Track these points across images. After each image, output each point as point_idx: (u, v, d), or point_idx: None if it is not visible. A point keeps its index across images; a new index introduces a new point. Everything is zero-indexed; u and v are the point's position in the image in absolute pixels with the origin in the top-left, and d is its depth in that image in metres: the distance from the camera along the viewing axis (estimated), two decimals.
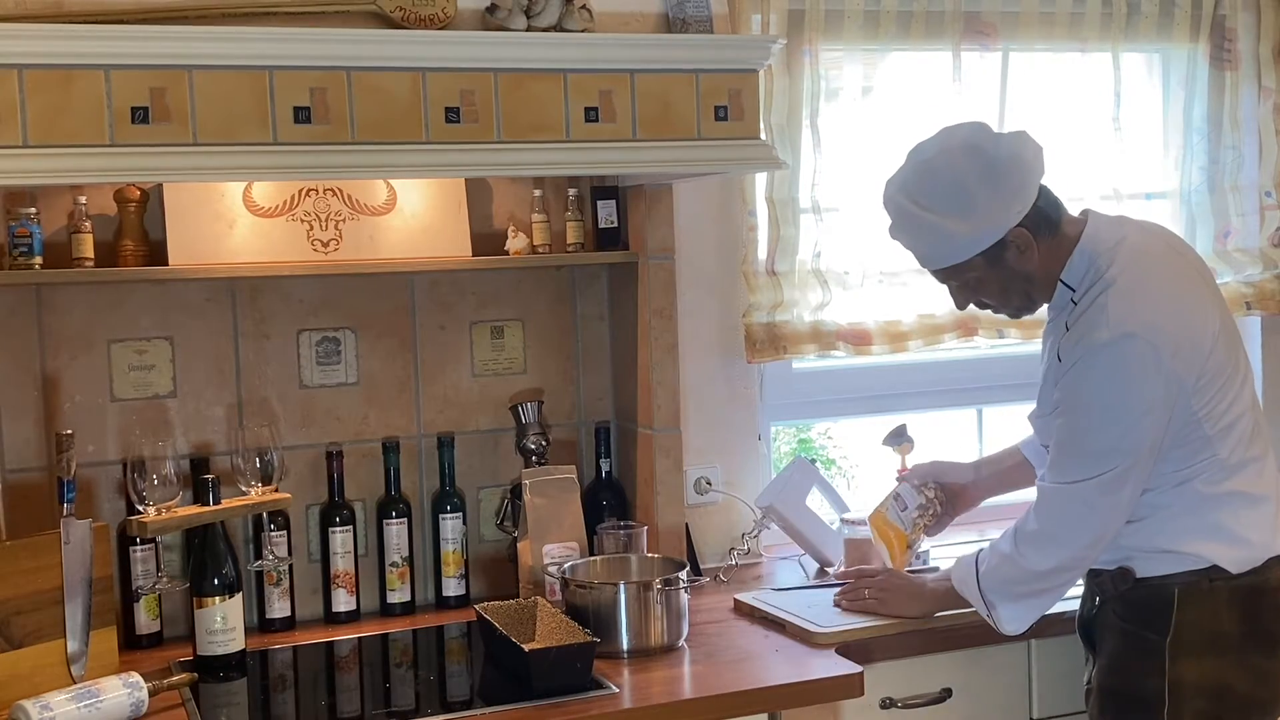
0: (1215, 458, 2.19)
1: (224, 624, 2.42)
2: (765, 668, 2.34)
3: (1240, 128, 3.41)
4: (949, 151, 2.21)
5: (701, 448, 3.03)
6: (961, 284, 2.30)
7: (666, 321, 2.82)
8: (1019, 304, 2.32)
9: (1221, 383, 2.18)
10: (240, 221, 2.61)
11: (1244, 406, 2.23)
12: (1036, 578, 2.27)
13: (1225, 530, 2.19)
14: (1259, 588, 2.19)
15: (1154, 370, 2.11)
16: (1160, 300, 2.17)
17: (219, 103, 2.23)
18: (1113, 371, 2.13)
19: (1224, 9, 3.37)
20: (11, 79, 2.14)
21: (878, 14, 3.08)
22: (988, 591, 2.32)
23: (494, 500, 2.87)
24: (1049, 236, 2.24)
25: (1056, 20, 3.23)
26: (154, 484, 2.36)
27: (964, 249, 2.22)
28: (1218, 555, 2.18)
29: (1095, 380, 2.15)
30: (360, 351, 2.79)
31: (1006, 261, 2.23)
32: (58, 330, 2.59)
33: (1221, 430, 2.19)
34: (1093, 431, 2.17)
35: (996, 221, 2.19)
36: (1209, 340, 2.17)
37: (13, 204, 2.46)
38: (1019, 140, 2.23)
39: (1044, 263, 2.24)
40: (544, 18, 2.70)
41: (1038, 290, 2.29)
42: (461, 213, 2.76)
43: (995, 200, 2.18)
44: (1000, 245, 2.21)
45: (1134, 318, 2.13)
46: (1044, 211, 2.24)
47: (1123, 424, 2.14)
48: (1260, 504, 2.22)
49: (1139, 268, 2.19)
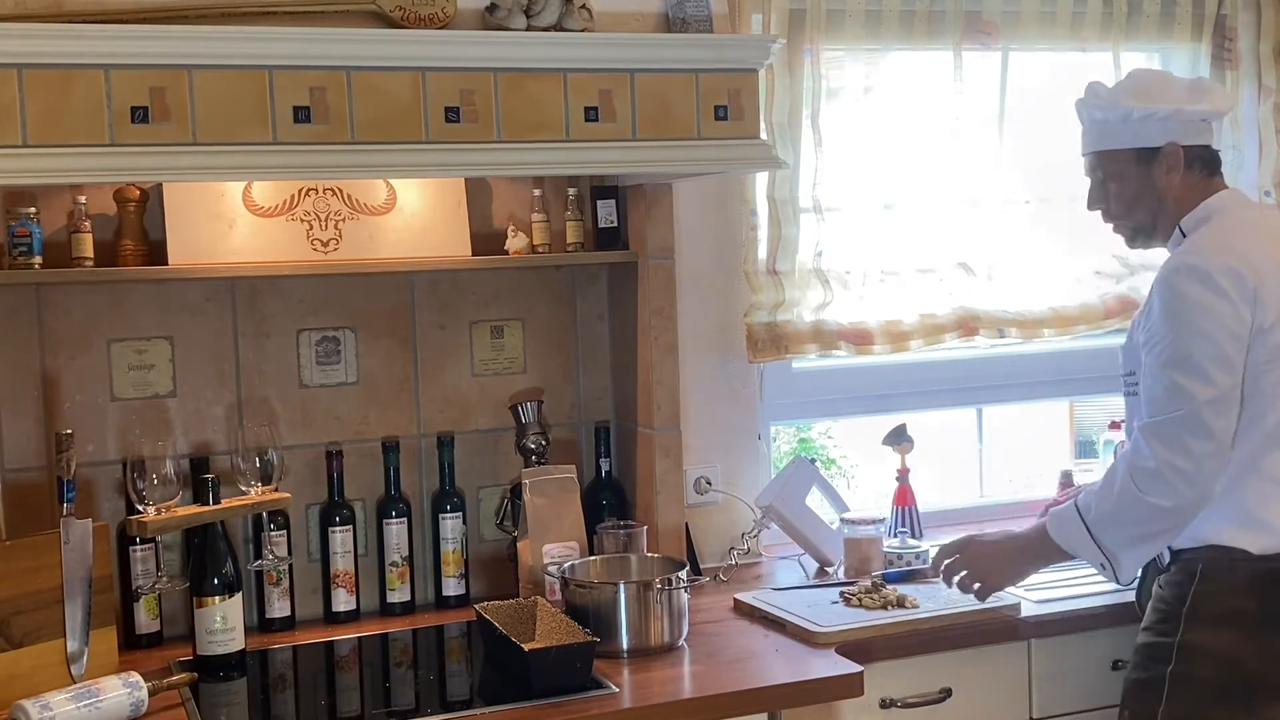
0: (1259, 424, 2.22)
1: (224, 624, 2.42)
2: (765, 667, 2.34)
3: (1240, 127, 3.41)
4: (1165, 72, 2.50)
5: (701, 447, 3.03)
6: (1105, 176, 2.41)
7: (666, 321, 2.82)
8: (1141, 221, 2.41)
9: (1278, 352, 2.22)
10: (240, 221, 2.61)
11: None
12: (1163, 515, 2.23)
13: (1251, 515, 2.23)
14: (1277, 573, 2.22)
15: (1237, 294, 2.18)
16: (1246, 246, 2.25)
17: (219, 102, 2.23)
18: (1199, 291, 2.20)
19: (1225, 8, 3.37)
20: (11, 79, 2.14)
21: (879, 13, 3.08)
22: (1106, 542, 2.28)
23: (494, 500, 2.87)
24: (1196, 175, 2.36)
25: (1057, 20, 3.23)
26: (154, 484, 2.36)
27: (1124, 135, 2.36)
28: (1240, 539, 2.23)
29: (1184, 300, 2.21)
30: (360, 351, 2.79)
31: (1152, 171, 2.35)
32: (57, 330, 2.59)
33: (1274, 394, 2.22)
34: (1188, 349, 2.20)
35: (1165, 117, 2.33)
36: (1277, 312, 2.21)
37: (12, 204, 2.46)
38: (1220, 87, 2.50)
39: (1180, 194, 2.35)
40: (544, 17, 2.70)
41: (1163, 219, 2.38)
42: (461, 212, 2.76)
43: (1173, 96, 2.34)
44: (1155, 152, 2.35)
45: (1220, 251, 2.23)
46: (1204, 154, 2.38)
47: (1215, 339, 2.19)
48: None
49: (1235, 223, 2.31)
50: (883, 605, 2.57)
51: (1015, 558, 2.44)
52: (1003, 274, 3.23)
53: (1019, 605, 2.58)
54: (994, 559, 2.45)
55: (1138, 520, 2.25)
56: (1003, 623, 2.55)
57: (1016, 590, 2.63)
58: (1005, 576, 2.45)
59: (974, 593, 2.48)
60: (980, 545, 2.49)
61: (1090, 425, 3.60)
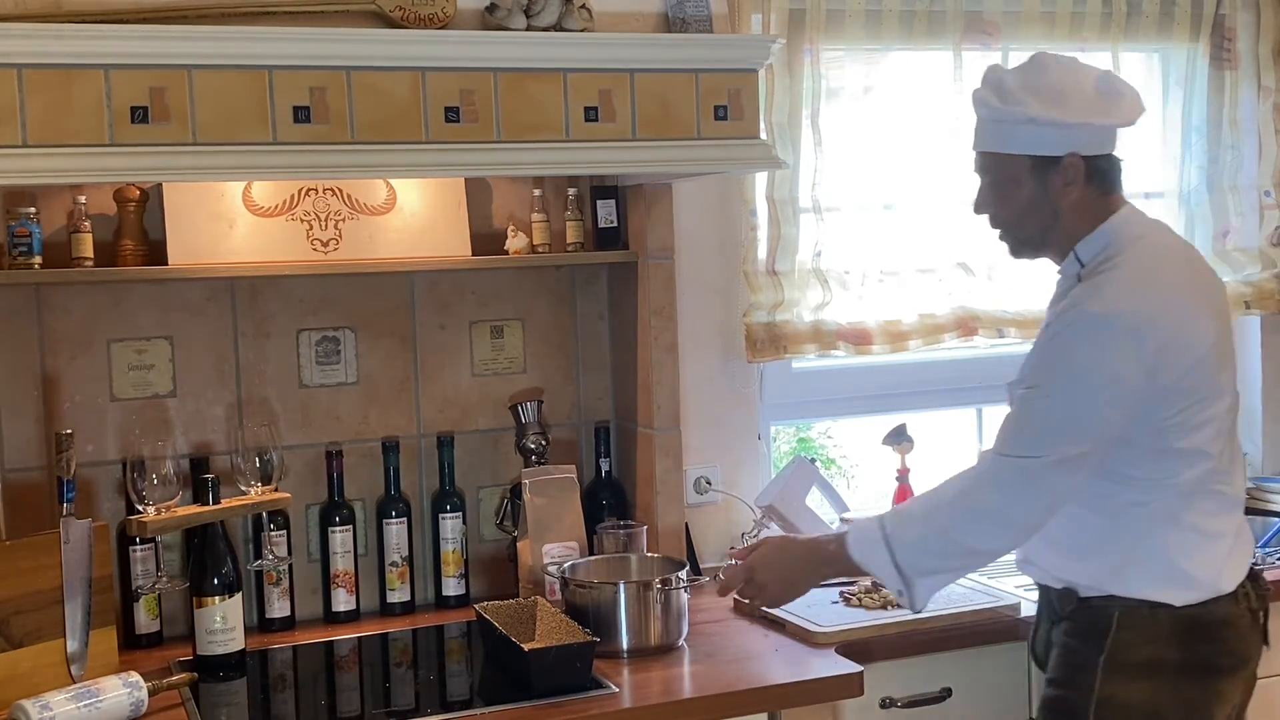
0: (1173, 480, 2.09)
1: (224, 624, 2.42)
2: (765, 667, 2.34)
3: (1239, 127, 3.41)
4: (1071, 64, 2.20)
5: (701, 447, 3.03)
6: (996, 180, 2.21)
7: (666, 321, 2.82)
8: (1030, 234, 2.23)
9: (1199, 399, 2.08)
10: (240, 221, 2.61)
11: (1217, 432, 2.11)
12: (969, 554, 2.15)
13: (1174, 568, 2.09)
14: (1202, 619, 2.10)
15: (1134, 355, 2.02)
16: (1159, 294, 2.08)
17: (219, 102, 2.23)
18: (1092, 346, 2.04)
19: (1224, 8, 3.37)
20: (11, 79, 2.14)
21: (879, 13, 3.08)
22: (908, 567, 2.15)
23: (494, 500, 2.87)
24: (1095, 192, 2.18)
25: (1057, 20, 3.23)
26: (154, 484, 2.36)
27: (1022, 139, 2.15)
28: (1162, 594, 2.09)
29: (1073, 352, 2.05)
30: (360, 351, 2.79)
31: (1048, 182, 2.16)
32: (57, 330, 2.59)
33: (1187, 450, 2.08)
34: (1061, 404, 2.05)
35: (1070, 126, 2.12)
36: (1199, 350, 2.07)
37: (12, 204, 2.46)
38: (1131, 90, 2.21)
39: (1077, 209, 2.17)
40: (544, 17, 2.70)
41: (1054, 236, 2.20)
42: (461, 212, 2.76)
43: (1080, 107, 2.13)
44: (1053, 162, 2.15)
45: (1129, 300, 2.06)
46: (1107, 169, 2.20)
47: (1092, 402, 2.04)
48: (1214, 540, 2.12)
49: (1148, 262, 2.13)
50: (883, 605, 2.57)
51: (804, 568, 2.28)
52: (1002, 274, 3.23)
53: (1019, 605, 2.58)
54: (780, 567, 2.29)
55: (946, 553, 2.14)
56: (1003, 623, 2.55)
57: (1017, 590, 2.63)
58: (790, 587, 2.30)
59: (752, 600, 2.35)
60: (769, 551, 2.32)
61: None
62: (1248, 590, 2.15)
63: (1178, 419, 2.07)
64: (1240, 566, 2.16)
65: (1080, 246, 2.18)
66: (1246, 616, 2.15)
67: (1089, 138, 2.15)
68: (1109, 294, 2.07)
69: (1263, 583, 2.20)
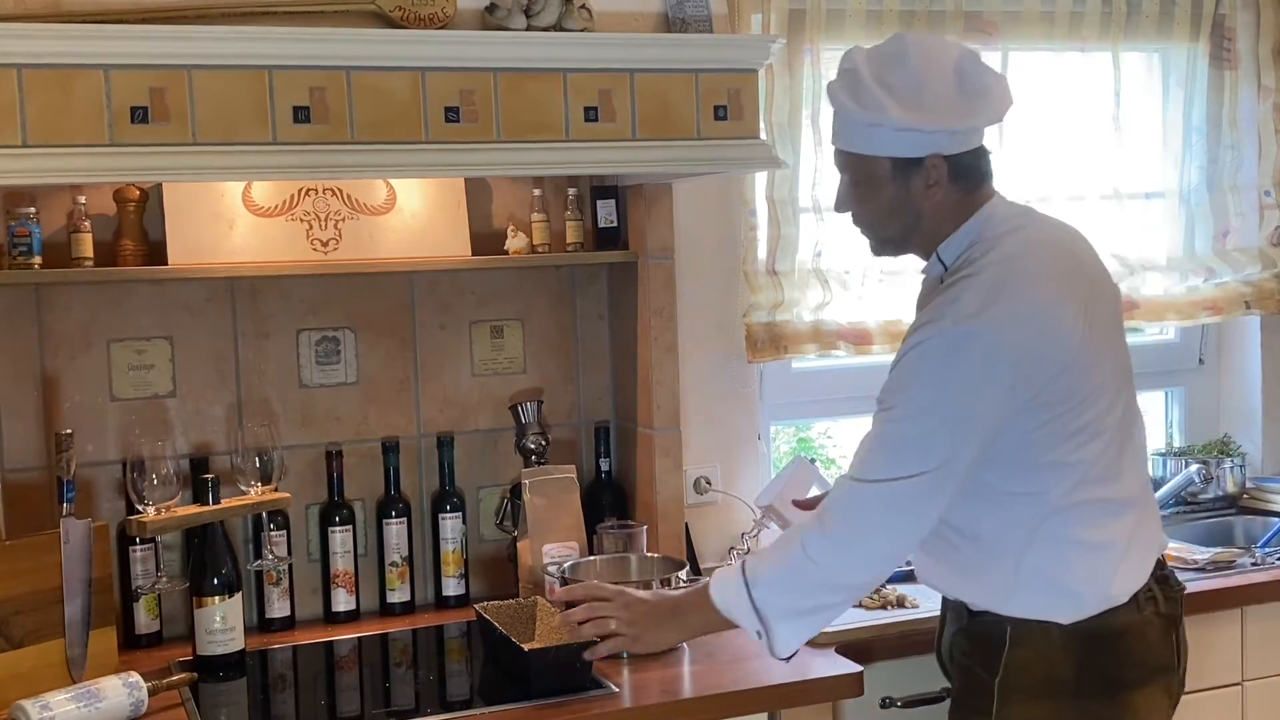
0: (1046, 495, 1.98)
1: (223, 624, 2.42)
2: (765, 667, 2.34)
3: (1239, 127, 3.41)
4: (932, 50, 2.03)
5: (701, 447, 3.03)
6: (856, 180, 2.09)
7: (666, 321, 2.82)
8: (892, 235, 2.11)
9: (1069, 408, 1.95)
10: (240, 221, 2.61)
11: (1093, 437, 1.98)
12: (829, 590, 2.01)
13: (1057, 584, 1.99)
14: (1097, 632, 2.00)
15: (988, 372, 1.90)
16: (1016, 303, 1.93)
17: (218, 102, 2.23)
18: (944, 364, 1.92)
19: (1223, 8, 3.37)
20: (11, 79, 2.14)
21: (880, 13, 3.08)
22: (765, 609, 2.03)
23: (494, 500, 2.86)
24: (960, 190, 2.05)
25: (1057, 19, 3.23)
26: (154, 484, 2.36)
27: (881, 141, 2.02)
28: (1048, 612, 1.99)
29: (925, 370, 1.94)
30: (360, 351, 2.79)
31: (910, 184, 2.03)
32: (57, 330, 2.59)
33: (1059, 462, 1.97)
34: (914, 425, 1.94)
35: (937, 126, 1.99)
36: (1063, 358, 1.94)
37: (12, 204, 2.46)
38: (997, 81, 2.05)
39: (940, 210, 2.05)
40: (543, 17, 2.70)
41: (918, 237, 2.09)
42: (461, 212, 2.76)
43: (942, 110, 1.99)
44: (915, 164, 2.02)
45: (983, 313, 1.92)
46: (973, 165, 2.05)
47: (947, 423, 1.93)
48: (1100, 551, 2.00)
49: (1012, 265, 1.98)
50: (883, 605, 2.57)
51: (668, 618, 2.17)
52: None
53: None
54: (647, 615, 2.18)
55: (805, 590, 2.01)
56: None
57: None
58: (654, 636, 2.18)
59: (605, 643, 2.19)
60: (634, 597, 2.22)
61: None
62: (1154, 594, 2.04)
63: (1044, 431, 1.96)
64: (1137, 573, 2.03)
65: (943, 247, 2.08)
66: (1154, 623, 2.04)
67: (952, 139, 2.02)
68: (962, 307, 1.93)
69: (1173, 584, 2.09)
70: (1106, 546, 2.00)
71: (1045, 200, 3.32)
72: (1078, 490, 1.98)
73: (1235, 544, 3.12)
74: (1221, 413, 3.64)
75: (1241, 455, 3.43)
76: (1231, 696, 2.72)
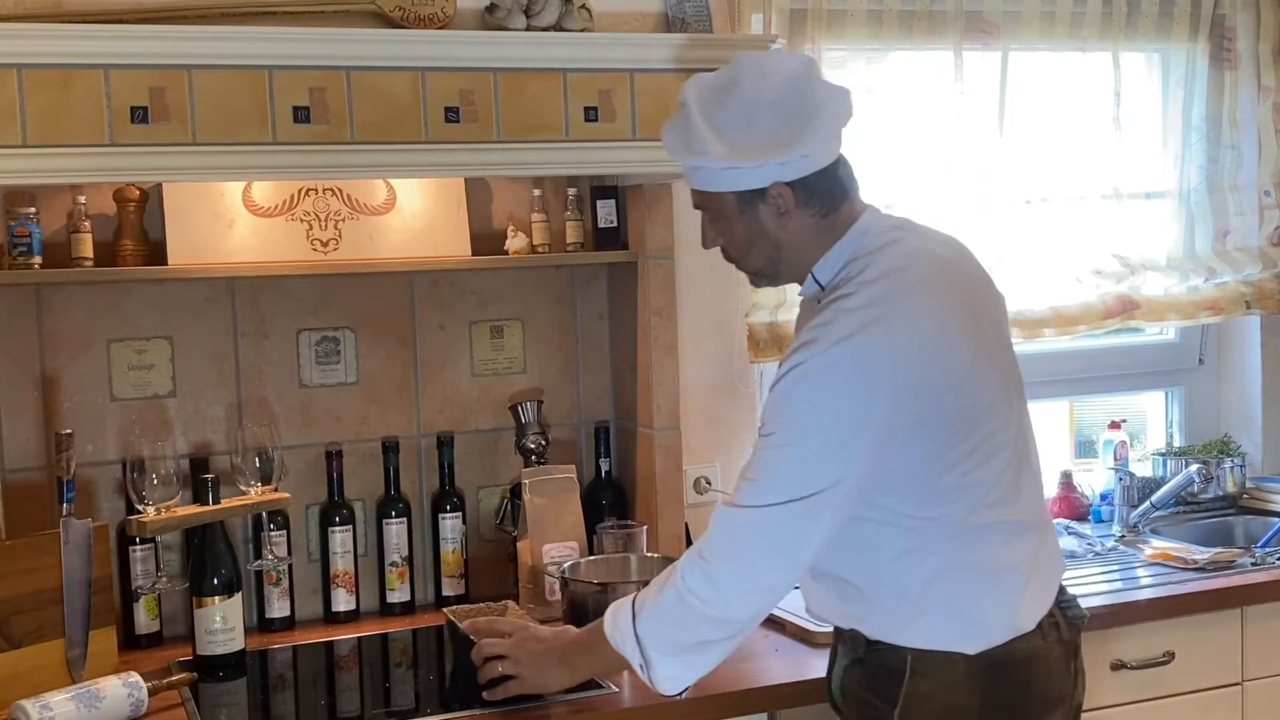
0: (942, 520, 1.89)
1: (223, 624, 2.42)
2: (765, 667, 2.34)
3: (1239, 127, 3.41)
4: (764, 73, 1.93)
5: (701, 447, 3.03)
6: (711, 217, 2.01)
7: (666, 321, 2.82)
8: (760, 268, 2.04)
9: (959, 429, 1.87)
10: (240, 221, 2.61)
11: (987, 457, 1.90)
12: (711, 624, 1.91)
13: (962, 614, 1.90)
14: (1002, 661, 1.90)
15: (866, 395, 1.82)
16: (899, 323, 1.85)
17: (218, 103, 2.23)
18: (822, 388, 1.84)
19: (1223, 8, 3.37)
20: (11, 79, 2.14)
21: (880, 13, 3.08)
22: (646, 643, 1.94)
23: (494, 500, 2.86)
24: (819, 214, 1.95)
25: (1057, 19, 3.23)
26: (153, 484, 2.36)
27: (721, 178, 1.94)
28: (949, 639, 1.90)
29: (803, 395, 1.86)
30: (360, 351, 2.79)
31: (759, 215, 1.95)
32: (57, 330, 2.59)
33: (953, 485, 1.88)
34: (792, 451, 1.86)
35: (759, 161, 1.90)
36: (948, 376, 1.86)
37: (12, 204, 2.45)
38: (832, 94, 1.93)
39: (801, 240, 1.96)
40: (543, 17, 2.70)
41: (785, 265, 2.01)
42: (461, 212, 2.76)
43: (770, 138, 1.89)
44: (759, 195, 1.93)
45: (859, 334, 1.83)
46: (824, 184, 1.94)
47: (822, 448, 1.84)
48: (1005, 577, 1.91)
49: (890, 281, 1.89)
50: None
51: (557, 659, 2.08)
52: (1003, 274, 3.22)
53: None
54: (540, 656, 2.10)
55: (687, 623, 1.91)
56: None
57: None
58: (543, 679, 2.10)
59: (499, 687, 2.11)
60: (530, 635, 2.15)
61: (1090, 425, 3.60)
62: (1057, 621, 1.96)
63: (938, 452, 1.87)
64: (1042, 599, 1.95)
65: (818, 268, 1.98)
66: (1056, 650, 1.96)
67: (786, 166, 1.91)
68: (838, 328, 1.85)
69: (1074, 610, 2.01)
70: (1011, 571, 1.92)
71: (1046, 200, 3.32)
72: (978, 513, 1.90)
73: (1235, 544, 3.12)
74: (1221, 413, 3.64)
75: (1241, 455, 3.43)
76: (1231, 696, 2.72)
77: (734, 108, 1.91)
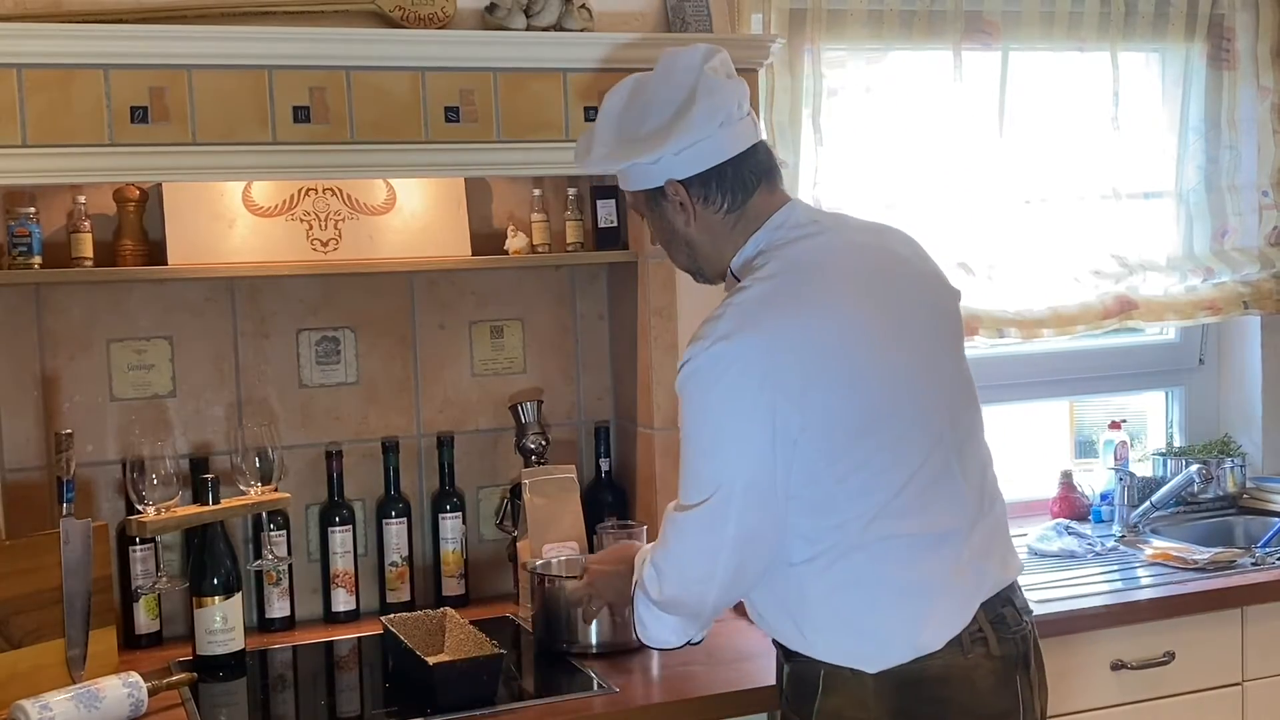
0: (840, 530, 1.83)
1: (223, 624, 2.42)
2: (765, 667, 2.34)
3: (1238, 127, 3.41)
4: (669, 69, 1.90)
5: None
6: (643, 218, 2.03)
7: (666, 321, 2.82)
8: (685, 266, 2.03)
9: (858, 431, 1.82)
10: (240, 221, 2.61)
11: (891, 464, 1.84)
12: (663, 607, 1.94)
13: (859, 630, 1.85)
14: (913, 679, 1.84)
15: (749, 391, 1.78)
16: (781, 319, 1.80)
17: (218, 102, 2.23)
18: (705, 387, 1.81)
19: (1222, 8, 3.38)
20: (11, 79, 2.14)
21: (880, 13, 3.08)
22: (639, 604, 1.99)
23: (494, 500, 2.86)
24: (723, 209, 1.91)
25: (1056, 19, 3.23)
26: (153, 484, 2.36)
27: (630, 178, 1.94)
28: (848, 655, 1.86)
29: (691, 394, 1.83)
30: (360, 351, 2.79)
31: (665, 213, 1.94)
32: (57, 330, 2.59)
33: (855, 491, 1.82)
34: (688, 453, 1.86)
35: (634, 160, 1.88)
36: (842, 375, 1.81)
37: (12, 203, 2.45)
38: (717, 86, 1.87)
39: (711, 237, 1.93)
40: (543, 17, 2.70)
41: (704, 263, 1.99)
42: (461, 212, 2.76)
43: (658, 134, 1.86)
44: (660, 193, 1.92)
45: (737, 333, 1.80)
46: (724, 179, 1.90)
47: (716, 450, 1.82)
48: (908, 593, 1.84)
49: (785, 278, 1.84)
50: None
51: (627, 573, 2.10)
52: (1003, 274, 3.23)
53: None
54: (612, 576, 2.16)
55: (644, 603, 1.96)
56: None
57: None
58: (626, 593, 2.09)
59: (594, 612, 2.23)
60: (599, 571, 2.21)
61: (1090, 425, 3.60)
62: (984, 636, 1.86)
63: (831, 457, 1.81)
64: (956, 617, 1.86)
65: (735, 261, 1.95)
66: (984, 667, 1.86)
67: (674, 163, 1.87)
68: (720, 326, 1.82)
69: (1012, 624, 1.91)
70: (916, 587, 1.84)
71: (1046, 200, 3.32)
72: (879, 524, 1.83)
73: (1235, 544, 3.12)
74: (1221, 413, 3.64)
75: (1242, 455, 3.43)
76: (1231, 696, 2.72)
77: (636, 106, 1.91)
